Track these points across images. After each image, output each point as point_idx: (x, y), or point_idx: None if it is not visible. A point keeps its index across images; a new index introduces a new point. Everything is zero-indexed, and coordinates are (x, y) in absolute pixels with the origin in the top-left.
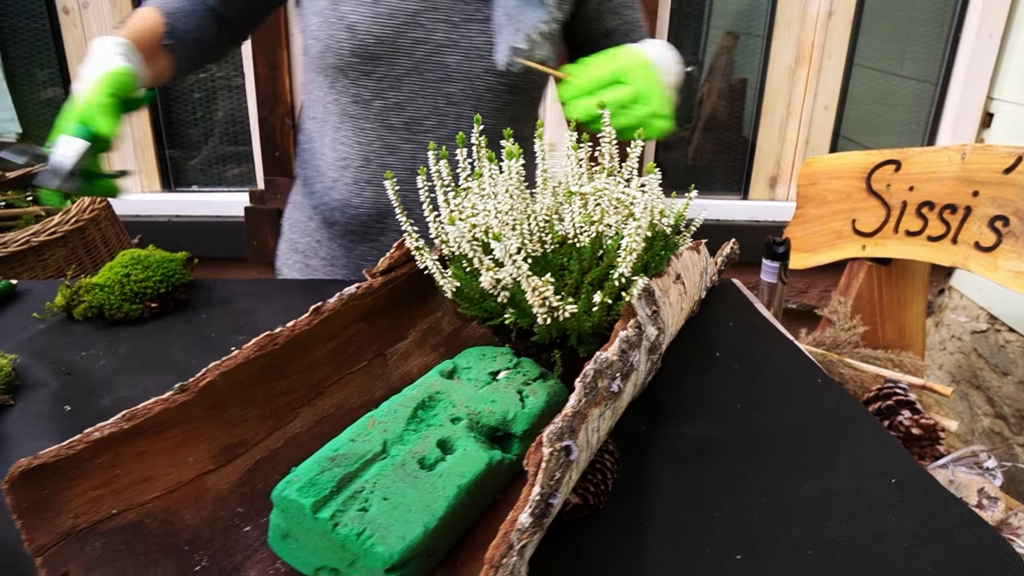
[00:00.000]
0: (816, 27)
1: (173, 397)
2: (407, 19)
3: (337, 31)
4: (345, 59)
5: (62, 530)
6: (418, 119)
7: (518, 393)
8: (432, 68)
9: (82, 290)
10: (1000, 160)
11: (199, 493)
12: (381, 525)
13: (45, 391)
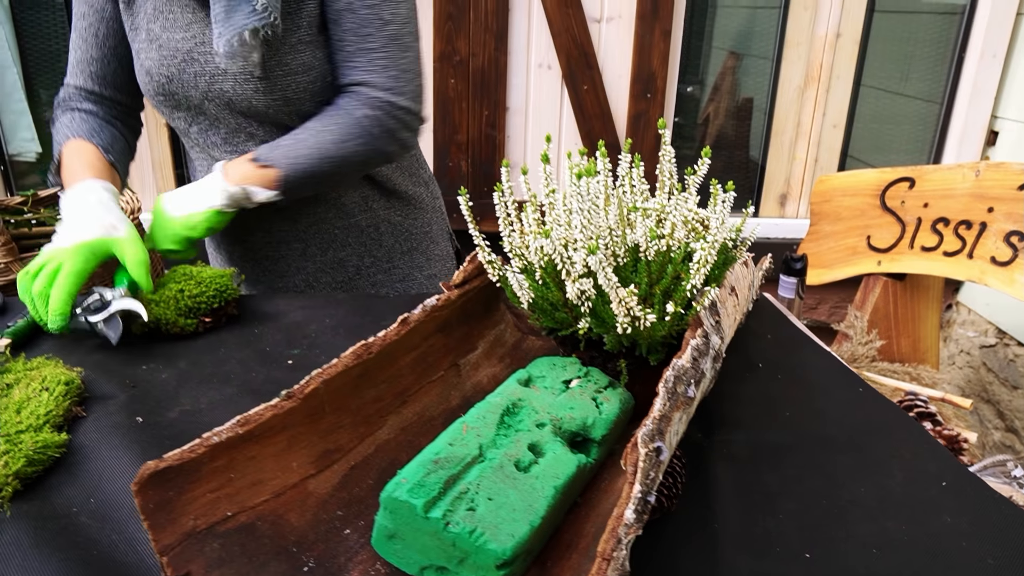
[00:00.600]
0: (824, 48)
1: (281, 403)
2: (184, 56)
3: (142, 77)
4: (155, 98)
5: (184, 531)
6: (229, 136)
7: (593, 400)
8: (215, 95)
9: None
10: (1014, 177)
11: (303, 497)
12: (491, 523)
13: (114, 403)
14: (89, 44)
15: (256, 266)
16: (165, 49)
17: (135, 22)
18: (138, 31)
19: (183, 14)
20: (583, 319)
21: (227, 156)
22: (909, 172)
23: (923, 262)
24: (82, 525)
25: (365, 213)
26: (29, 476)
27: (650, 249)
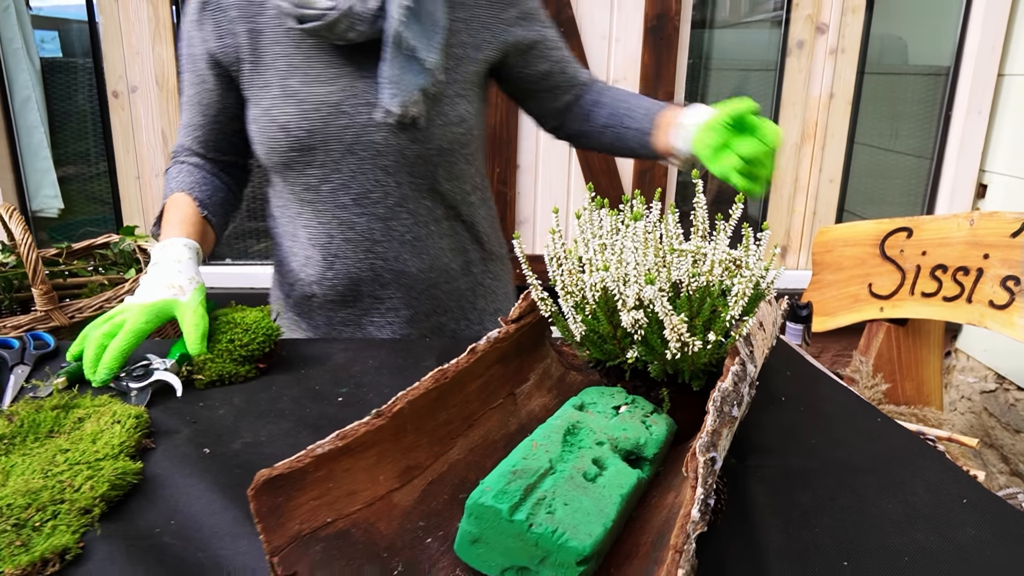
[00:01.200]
0: (819, 108)
1: (372, 421)
2: (331, 109)
3: (273, 133)
4: (286, 155)
5: (291, 534)
6: (364, 193)
7: (642, 423)
8: (363, 147)
9: (196, 366)
10: (1007, 225)
11: (389, 508)
12: (570, 525)
13: (179, 436)
14: (194, 111)
15: (358, 330)
16: (307, 104)
17: (265, 79)
18: (268, 88)
19: (326, 68)
20: (631, 349)
21: (356, 215)
22: (906, 222)
23: (924, 307)
24: (167, 544)
25: (466, 277)
26: (112, 499)
27: (691, 285)
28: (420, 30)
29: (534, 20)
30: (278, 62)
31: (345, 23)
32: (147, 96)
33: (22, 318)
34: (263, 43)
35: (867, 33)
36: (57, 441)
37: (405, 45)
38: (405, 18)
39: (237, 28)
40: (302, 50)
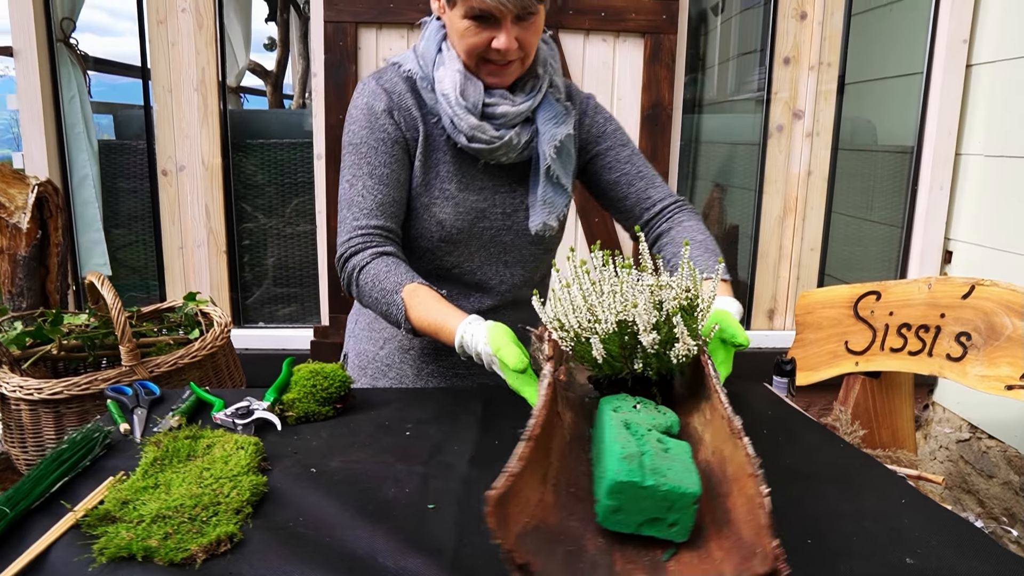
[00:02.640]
0: (798, 184)
1: (527, 444)
2: (478, 213)
3: (430, 225)
4: (434, 243)
5: (515, 534)
6: (484, 280)
7: (659, 411)
8: (494, 244)
9: (286, 405)
10: (958, 288)
11: (546, 506)
12: (680, 479)
13: (287, 460)
14: (391, 187)
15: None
16: (460, 206)
17: (427, 179)
18: (430, 188)
19: (476, 180)
20: (637, 361)
21: (472, 295)
22: (875, 287)
23: (893, 361)
24: (301, 534)
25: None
26: (253, 503)
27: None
28: (561, 163)
29: (612, 136)
30: (440, 167)
31: (503, 150)
32: (193, 174)
33: (111, 371)
34: (431, 146)
35: (839, 117)
36: (196, 462)
37: (553, 175)
38: (555, 154)
39: (415, 127)
40: (458, 161)
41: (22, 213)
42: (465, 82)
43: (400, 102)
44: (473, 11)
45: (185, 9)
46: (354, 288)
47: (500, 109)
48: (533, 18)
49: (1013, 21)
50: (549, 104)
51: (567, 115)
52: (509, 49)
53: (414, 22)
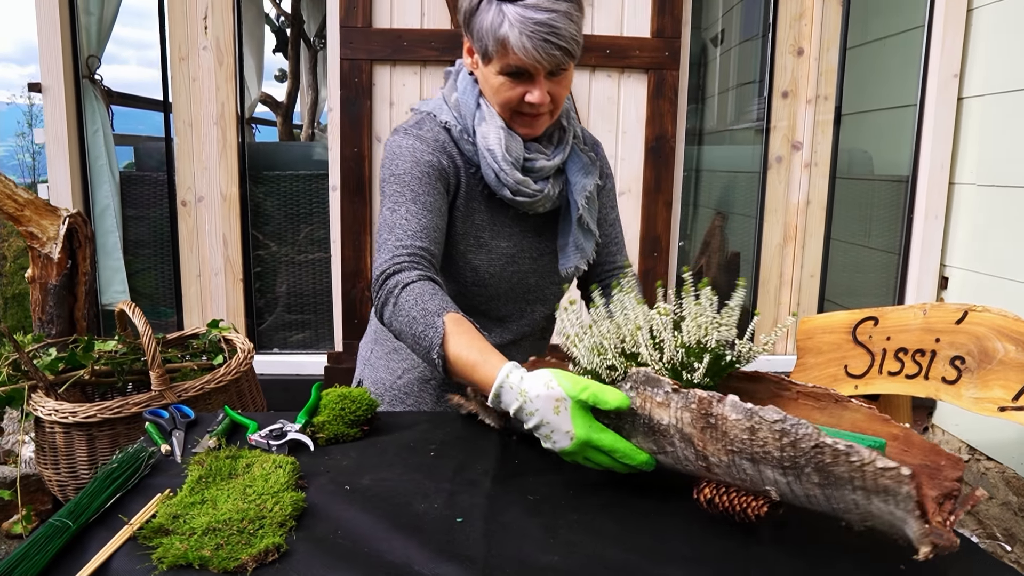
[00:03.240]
0: (798, 213)
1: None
2: (508, 258)
3: (464, 270)
4: (466, 286)
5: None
6: (506, 315)
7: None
8: (520, 285)
9: (317, 427)
10: (952, 314)
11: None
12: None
13: (322, 478)
14: (434, 215)
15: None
16: (492, 253)
17: (466, 228)
18: (467, 236)
19: (507, 227)
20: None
21: (494, 329)
22: (873, 312)
23: (891, 384)
24: (341, 544)
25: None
26: (295, 517)
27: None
28: (590, 211)
29: (609, 195)
30: (475, 216)
31: (542, 202)
32: (211, 205)
33: (141, 396)
34: (468, 196)
35: (836, 148)
36: (239, 480)
37: (584, 223)
38: (586, 203)
39: (457, 175)
40: (491, 209)
41: (54, 244)
42: (509, 139)
43: (445, 149)
44: (509, 68)
45: (206, 47)
46: (389, 306)
47: (539, 163)
48: (564, 73)
49: (1001, 57)
50: (577, 155)
51: (593, 166)
52: (542, 103)
53: (426, 60)
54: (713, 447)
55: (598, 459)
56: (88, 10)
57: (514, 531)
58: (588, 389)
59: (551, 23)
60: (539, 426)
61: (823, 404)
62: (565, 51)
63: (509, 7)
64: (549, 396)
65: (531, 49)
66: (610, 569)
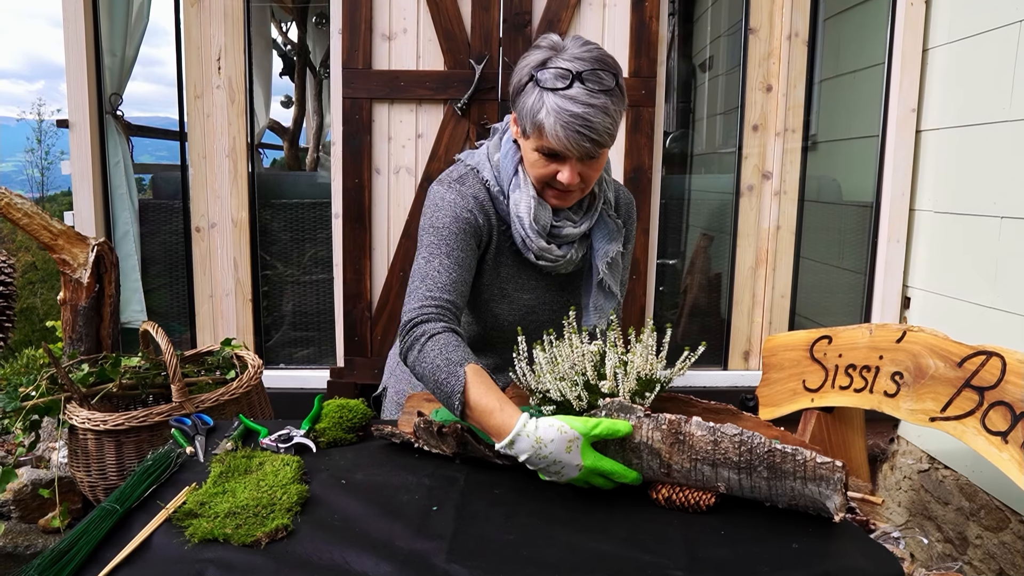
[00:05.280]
0: (769, 237)
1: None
2: (528, 310)
3: (486, 317)
4: (487, 331)
5: None
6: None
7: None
8: (536, 333)
9: (318, 432)
10: (893, 333)
11: None
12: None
13: (321, 475)
14: (464, 270)
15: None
16: (515, 304)
17: (492, 279)
18: (492, 287)
19: (527, 280)
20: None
21: (505, 366)
22: (828, 332)
23: (842, 397)
24: (339, 526)
25: None
26: (300, 504)
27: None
28: (612, 274)
29: (628, 251)
30: (503, 269)
31: (564, 265)
32: (223, 231)
33: (163, 407)
34: (498, 250)
35: (803, 177)
36: (252, 475)
37: (605, 286)
38: (607, 268)
39: (490, 231)
40: (519, 264)
41: (84, 269)
42: (539, 208)
43: (483, 207)
44: (544, 148)
45: (220, 86)
46: (415, 352)
47: (565, 231)
48: (598, 158)
49: (953, 94)
50: (603, 222)
51: (619, 232)
52: (571, 183)
53: (421, 99)
54: (679, 457)
55: (597, 481)
56: (112, 52)
57: (480, 517)
58: (600, 425)
59: (585, 117)
60: (549, 466)
61: (723, 417)
62: (596, 143)
63: (549, 95)
64: (563, 439)
65: (563, 139)
66: (556, 546)
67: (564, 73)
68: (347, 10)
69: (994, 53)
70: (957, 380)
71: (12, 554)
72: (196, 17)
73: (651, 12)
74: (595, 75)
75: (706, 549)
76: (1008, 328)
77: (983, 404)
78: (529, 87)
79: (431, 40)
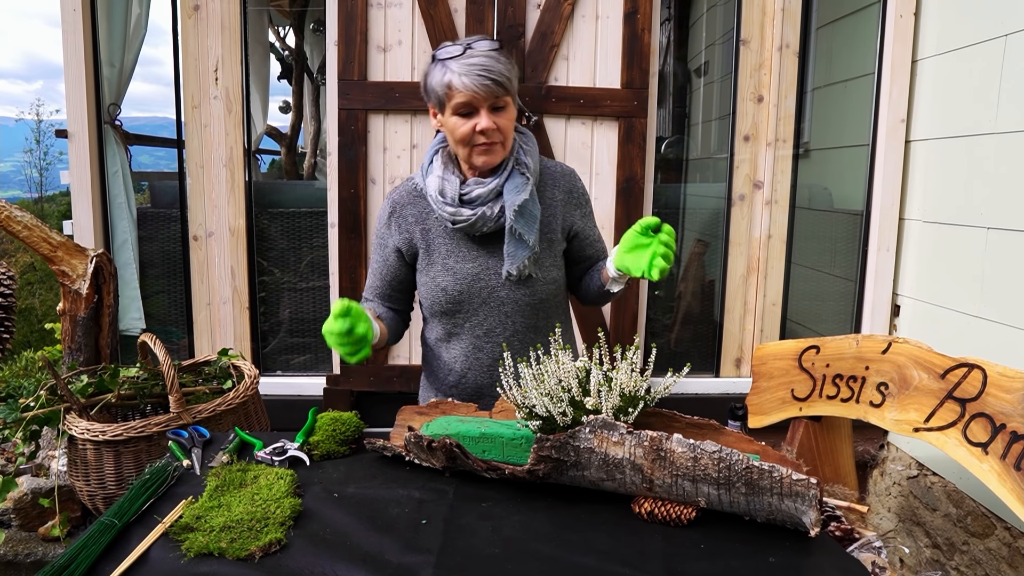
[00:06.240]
0: (760, 246)
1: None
2: (473, 278)
3: (436, 293)
4: (443, 305)
5: None
6: (490, 330)
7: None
8: (492, 298)
9: (312, 445)
10: (879, 344)
11: None
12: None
13: (315, 488)
14: (377, 278)
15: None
16: (459, 275)
17: (431, 259)
18: (434, 265)
19: (469, 251)
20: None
21: (484, 344)
22: (816, 342)
23: (830, 407)
24: (330, 539)
25: None
26: (293, 518)
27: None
28: (524, 222)
29: (589, 218)
30: (440, 248)
31: (480, 223)
32: (221, 240)
33: (161, 417)
34: (431, 236)
35: (794, 186)
36: (247, 488)
37: (516, 232)
38: (515, 216)
39: (414, 228)
40: (454, 239)
41: (83, 280)
42: (443, 183)
43: (401, 211)
44: (459, 108)
45: (217, 96)
46: None
47: (473, 193)
48: (504, 109)
49: (940, 105)
50: (513, 178)
51: (527, 184)
52: (489, 129)
53: (416, 110)
54: (660, 473)
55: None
56: (111, 62)
57: (467, 530)
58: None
59: (483, 64)
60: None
61: (705, 431)
62: (497, 83)
63: (451, 62)
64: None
65: (470, 84)
66: (539, 560)
67: (457, 47)
68: (343, 22)
69: (980, 66)
70: (940, 391)
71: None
72: (193, 28)
73: (643, 24)
74: (483, 43)
75: (685, 563)
76: (993, 337)
77: (965, 415)
78: (432, 68)
79: (426, 52)
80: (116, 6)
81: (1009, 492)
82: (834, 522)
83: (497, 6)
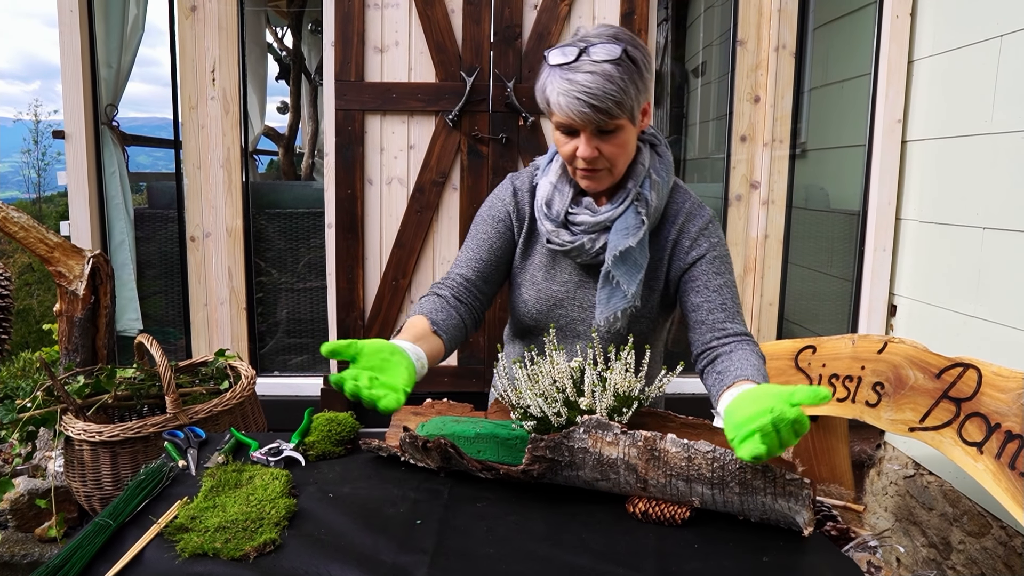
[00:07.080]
0: (757, 246)
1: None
2: (556, 301)
3: (519, 303)
4: (519, 316)
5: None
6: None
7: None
8: (569, 329)
9: (308, 446)
10: (875, 344)
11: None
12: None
13: (310, 488)
14: (482, 250)
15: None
16: (543, 293)
17: (524, 265)
18: (524, 272)
19: (561, 273)
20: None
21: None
22: (812, 342)
23: (825, 407)
24: (325, 540)
25: None
26: (288, 519)
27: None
28: (625, 270)
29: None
30: (534, 258)
31: (576, 252)
32: (218, 240)
33: (158, 418)
34: (531, 242)
35: (791, 186)
36: (242, 489)
37: (613, 279)
38: (614, 262)
39: (523, 218)
40: (548, 255)
41: (79, 281)
42: (552, 193)
43: (519, 197)
44: (560, 125)
45: (214, 97)
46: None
47: (580, 218)
48: (614, 133)
49: (936, 106)
50: (626, 216)
51: (639, 228)
52: (588, 157)
53: (413, 110)
54: (654, 473)
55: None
56: (108, 63)
57: (461, 530)
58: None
59: (584, 83)
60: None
61: (699, 431)
62: (596, 109)
63: (556, 71)
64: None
65: (564, 107)
66: (533, 560)
67: (569, 50)
68: (340, 23)
69: (976, 66)
70: (935, 391)
71: (8, 563)
72: (191, 28)
73: (640, 25)
74: (601, 48)
75: (679, 563)
76: (989, 337)
77: (960, 415)
78: (543, 69)
79: (423, 53)
80: (113, 7)
81: (1004, 491)
82: (830, 521)
83: (494, 7)
